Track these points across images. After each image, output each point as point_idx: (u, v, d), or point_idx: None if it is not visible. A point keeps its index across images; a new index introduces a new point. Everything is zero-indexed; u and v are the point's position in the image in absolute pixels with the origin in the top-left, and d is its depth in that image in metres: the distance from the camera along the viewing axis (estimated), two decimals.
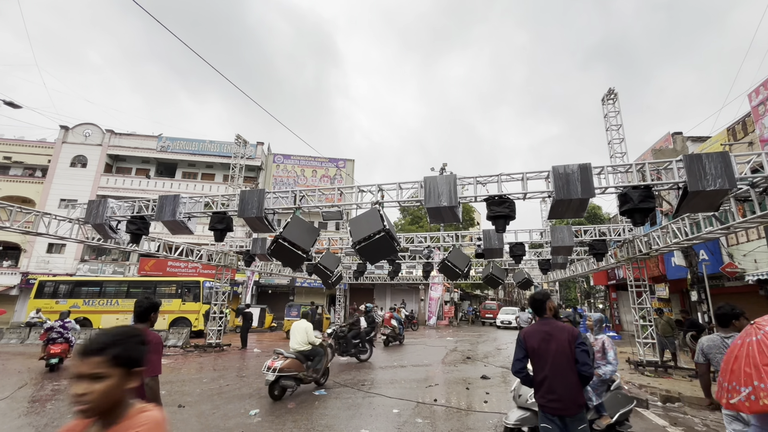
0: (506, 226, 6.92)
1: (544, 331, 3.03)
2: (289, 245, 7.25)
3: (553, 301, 3.41)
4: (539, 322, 3.16)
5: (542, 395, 2.94)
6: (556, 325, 3.05)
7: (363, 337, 11.53)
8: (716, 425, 5.85)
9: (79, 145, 28.24)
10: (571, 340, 2.93)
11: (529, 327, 3.17)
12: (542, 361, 2.97)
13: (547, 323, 3.10)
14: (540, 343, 2.98)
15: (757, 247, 12.32)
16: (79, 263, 25.83)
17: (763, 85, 11.84)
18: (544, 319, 3.15)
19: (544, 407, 2.93)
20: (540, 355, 2.98)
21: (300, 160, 31.47)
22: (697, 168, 5.90)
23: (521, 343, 3.10)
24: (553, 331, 3.01)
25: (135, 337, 1.47)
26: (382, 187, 7.68)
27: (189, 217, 8.80)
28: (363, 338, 11.52)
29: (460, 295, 37.76)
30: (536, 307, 3.22)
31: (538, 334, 3.03)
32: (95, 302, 18.69)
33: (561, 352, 2.91)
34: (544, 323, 3.11)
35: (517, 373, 3.06)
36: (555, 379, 2.88)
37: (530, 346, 3.03)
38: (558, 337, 2.95)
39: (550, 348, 2.94)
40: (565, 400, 2.85)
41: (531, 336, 3.06)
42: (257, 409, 6.31)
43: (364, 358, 11.56)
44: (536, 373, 3.01)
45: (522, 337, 3.11)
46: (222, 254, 14.71)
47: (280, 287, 29.26)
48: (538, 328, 3.09)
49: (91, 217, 9.05)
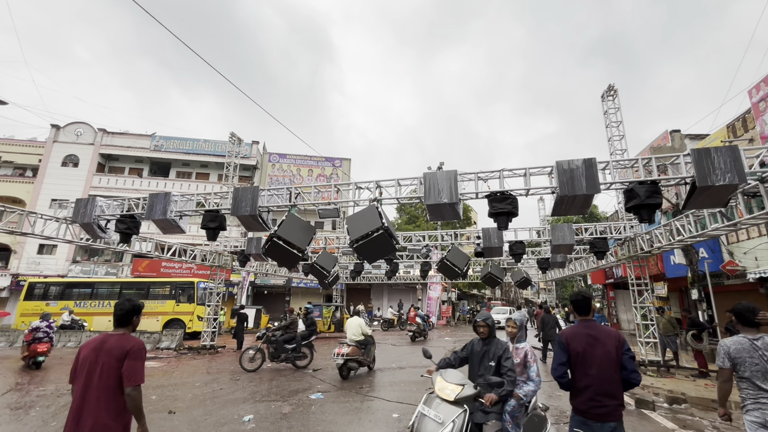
0: (509, 223, 6.71)
1: (589, 335, 2.86)
2: (284, 244, 7.01)
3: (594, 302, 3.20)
4: (582, 324, 2.98)
5: (585, 401, 2.80)
6: (601, 329, 2.91)
7: (299, 341, 10.19)
8: (726, 428, 5.68)
9: (71, 144, 27.78)
10: (618, 346, 2.82)
11: (572, 329, 2.99)
12: (586, 365, 2.81)
13: (591, 326, 2.93)
14: (585, 347, 2.83)
15: (758, 245, 12.23)
16: (71, 264, 25.39)
17: (764, 81, 11.73)
18: (587, 321, 2.98)
19: (586, 413, 2.79)
20: (585, 359, 2.82)
21: (296, 159, 31.19)
22: (705, 162, 5.71)
23: (563, 346, 2.91)
24: (598, 335, 2.85)
25: None
26: (380, 183, 7.46)
27: (180, 216, 8.53)
28: (299, 342, 10.18)
29: (458, 295, 37.62)
30: (581, 307, 3.04)
31: (583, 338, 2.86)
32: (87, 304, 18.31)
33: (608, 358, 2.79)
34: (588, 326, 2.94)
35: (560, 378, 2.88)
36: (602, 385, 2.75)
37: (574, 349, 2.86)
38: (604, 342, 2.82)
39: (596, 353, 2.80)
40: (610, 405, 2.74)
41: (575, 339, 2.88)
42: (251, 415, 6.05)
43: (302, 364, 10.27)
44: (578, 378, 2.85)
45: (564, 339, 2.92)
46: (216, 254, 14.42)
47: (276, 288, 28.96)
48: (581, 330, 2.92)
49: (78, 216, 8.75)
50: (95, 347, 2.75)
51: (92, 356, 2.71)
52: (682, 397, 7.05)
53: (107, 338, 2.80)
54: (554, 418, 6.01)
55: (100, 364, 2.67)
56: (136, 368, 2.70)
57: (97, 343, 2.77)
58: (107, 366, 2.67)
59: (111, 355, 2.69)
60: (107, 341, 2.77)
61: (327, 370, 10.09)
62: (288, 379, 9.08)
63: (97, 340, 2.81)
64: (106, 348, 2.73)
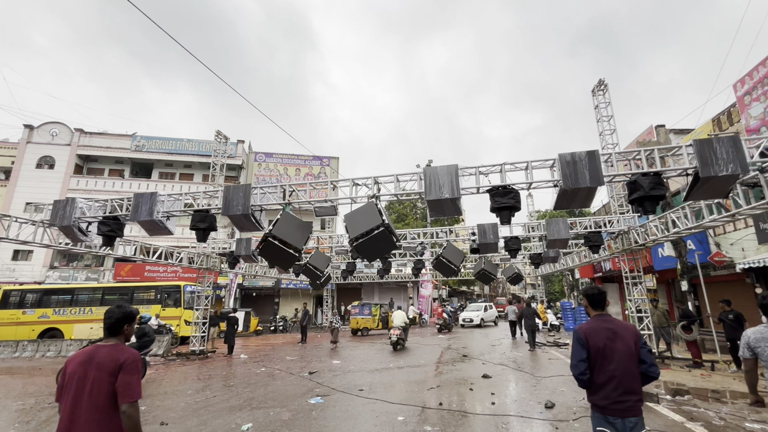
0: (511, 217, 6.59)
1: (607, 329, 2.77)
2: (279, 243, 6.71)
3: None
4: (599, 319, 2.88)
5: (605, 396, 2.70)
6: (618, 323, 2.83)
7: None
8: (733, 418, 5.67)
9: (46, 145, 26.65)
10: (636, 340, 2.76)
11: (589, 324, 2.88)
12: (606, 361, 2.72)
13: (608, 320, 2.85)
14: (605, 341, 2.73)
15: (745, 236, 12.46)
16: (49, 270, 24.36)
17: (749, 75, 11.95)
18: (603, 315, 2.89)
19: (606, 409, 2.70)
20: (605, 354, 2.72)
21: (283, 158, 30.65)
22: (708, 153, 5.68)
23: (582, 341, 2.79)
24: (617, 329, 2.77)
25: None
26: (377, 179, 7.23)
27: (168, 217, 8.13)
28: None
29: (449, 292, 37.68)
30: (596, 301, 2.95)
31: (602, 332, 2.76)
32: (66, 311, 17.52)
33: (627, 352, 2.71)
34: (606, 319, 2.84)
35: (581, 375, 2.75)
36: (622, 380, 2.68)
37: (594, 345, 2.75)
38: (623, 336, 2.74)
39: (616, 347, 2.71)
40: (631, 400, 2.68)
41: (594, 334, 2.77)
42: (250, 423, 5.76)
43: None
44: (597, 373, 2.74)
45: (583, 335, 2.80)
46: (204, 256, 13.95)
47: (265, 289, 28.42)
48: (599, 324, 2.82)
49: (57, 218, 8.25)
50: (83, 361, 2.45)
51: (80, 371, 2.41)
52: (684, 389, 7.05)
53: (97, 350, 2.50)
54: (562, 414, 5.91)
55: (90, 380, 2.38)
56: (132, 383, 2.41)
57: (85, 356, 2.47)
58: (98, 381, 2.38)
59: (102, 369, 2.40)
60: (97, 353, 2.47)
61: (324, 373, 9.83)
62: (284, 383, 8.78)
63: (86, 352, 2.51)
64: (97, 361, 2.43)
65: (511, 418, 5.86)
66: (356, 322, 20.78)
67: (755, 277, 12.52)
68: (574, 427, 5.37)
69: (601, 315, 2.93)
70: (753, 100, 11.72)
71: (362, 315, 20.87)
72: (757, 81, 11.55)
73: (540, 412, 6.14)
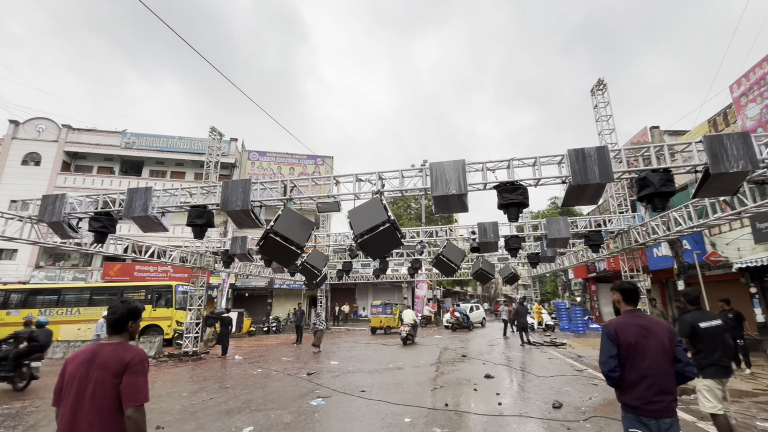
0: (519, 214, 6.47)
1: (639, 325, 2.64)
2: (281, 240, 6.50)
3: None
4: (630, 314, 2.74)
5: (638, 396, 2.57)
6: (651, 319, 2.70)
7: (11, 359, 8.21)
8: (742, 417, 5.62)
9: (32, 142, 25.91)
10: (672, 338, 2.62)
11: (620, 319, 2.75)
12: (639, 358, 2.58)
13: (640, 316, 2.71)
14: (637, 338, 2.59)
15: (741, 236, 12.58)
16: (34, 270, 23.66)
17: (745, 76, 12.07)
18: (635, 311, 2.76)
19: (639, 409, 2.56)
20: (637, 351, 2.58)
21: (276, 156, 30.30)
22: (718, 149, 5.64)
23: (612, 337, 2.65)
24: (649, 325, 2.64)
25: None
26: (382, 175, 7.06)
27: (163, 213, 7.85)
28: (11, 360, 8.21)
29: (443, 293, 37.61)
30: (630, 296, 2.82)
31: (634, 328, 2.63)
32: (53, 312, 16.97)
33: (661, 350, 2.58)
34: (638, 315, 2.71)
35: (611, 372, 2.61)
36: (656, 378, 2.54)
37: (625, 341, 2.62)
38: (657, 333, 2.61)
39: (649, 344, 2.58)
40: (666, 400, 2.54)
41: (625, 330, 2.64)
42: (251, 427, 5.54)
43: (20, 386, 8.40)
44: (629, 371, 2.60)
45: (613, 330, 2.67)
46: (198, 255, 13.62)
47: (258, 290, 28.04)
48: (631, 320, 2.69)
49: (46, 214, 7.91)
50: (85, 360, 2.23)
51: (82, 371, 2.19)
52: (689, 387, 6.99)
53: (99, 349, 2.28)
54: (572, 415, 5.80)
55: (93, 381, 2.16)
56: (138, 384, 2.20)
57: (87, 356, 2.25)
58: (101, 383, 2.16)
59: (106, 369, 2.19)
60: (100, 352, 2.26)
61: (322, 374, 9.61)
62: (282, 384, 8.55)
63: (87, 351, 2.29)
64: (99, 361, 2.21)
65: (521, 418, 5.73)
66: (379, 321, 21.74)
67: (750, 276, 12.65)
68: (585, 428, 5.26)
69: (633, 311, 2.80)
70: (749, 101, 11.84)
71: (384, 314, 21.89)
72: (753, 82, 11.66)
73: (549, 412, 6.02)
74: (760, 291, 12.27)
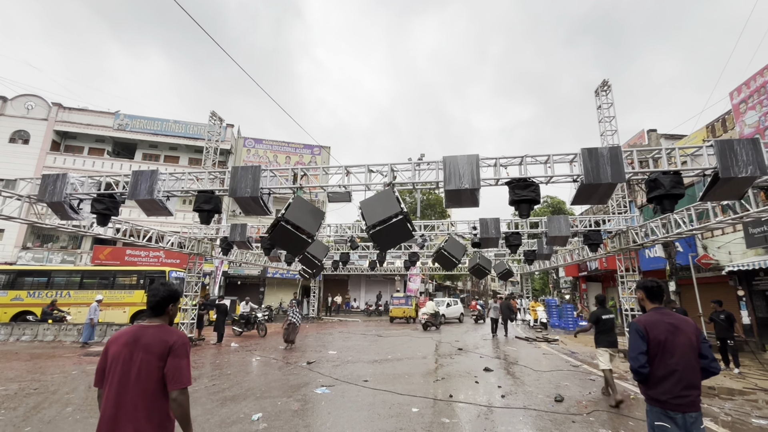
0: (530, 210, 6.53)
1: (668, 323, 2.73)
2: (292, 228, 6.45)
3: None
4: (657, 312, 2.83)
5: (666, 390, 2.65)
6: (678, 317, 2.78)
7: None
8: (737, 414, 5.82)
9: (20, 119, 25.12)
10: (698, 335, 2.72)
11: (648, 316, 2.82)
12: (668, 354, 2.67)
13: (668, 313, 2.80)
14: (667, 335, 2.68)
15: (733, 240, 12.91)
16: (21, 251, 23.11)
17: (746, 83, 12.29)
18: (661, 309, 2.85)
19: (667, 404, 2.65)
20: (667, 348, 2.67)
21: (272, 144, 29.95)
22: (728, 154, 5.75)
23: (642, 334, 2.73)
24: (677, 322, 2.73)
25: None
26: (394, 167, 7.04)
27: (168, 197, 7.73)
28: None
29: (435, 287, 37.91)
30: (655, 294, 2.91)
31: (664, 325, 2.72)
32: (42, 294, 16.66)
33: (690, 346, 2.68)
34: (665, 313, 2.80)
35: (641, 368, 2.68)
36: (684, 374, 2.64)
37: (655, 337, 2.70)
38: (685, 330, 2.71)
39: (679, 341, 2.67)
40: (693, 395, 2.64)
41: (655, 326, 2.73)
42: (259, 413, 5.54)
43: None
44: (657, 366, 2.69)
45: (643, 327, 2.74)
46: (195, 241, 13.45)
47: (250, 278, 27.87)
48: (659, 318, 2.77)
49: (46, 194, 7.71)
50: (127, 342, 2.21)
51: (126, 353, 2.17)
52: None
53: (142, 331, 2.26)
54: (574, 408, 5.94)
55: (137, 363, 2.15)
56: (182, 367, 2.19)
57: (129, 337, 2.23)
58: (146, 365, 2.14)
59: (150, 351, 2.17)
60: (143, 335, 2.23)
61: (322, 363, 9.64)
62: (283, 373, 8.56)
63: (129, 332, 2.27)
64: (143, 343, 2.19)
65: (526, 411, 5.85)
66: (402, 312, 23.81)
67: (738, 280, 13.03)
68: (589, 421, 5.39)
69: (659, 308, 2.89)
70: (749, 108, 12.07)
71: (407, 305, 23.98)
72: (754, 90, 11.88)
73: (551, 405, 6.15)
74: (747, 294, 12.64)
